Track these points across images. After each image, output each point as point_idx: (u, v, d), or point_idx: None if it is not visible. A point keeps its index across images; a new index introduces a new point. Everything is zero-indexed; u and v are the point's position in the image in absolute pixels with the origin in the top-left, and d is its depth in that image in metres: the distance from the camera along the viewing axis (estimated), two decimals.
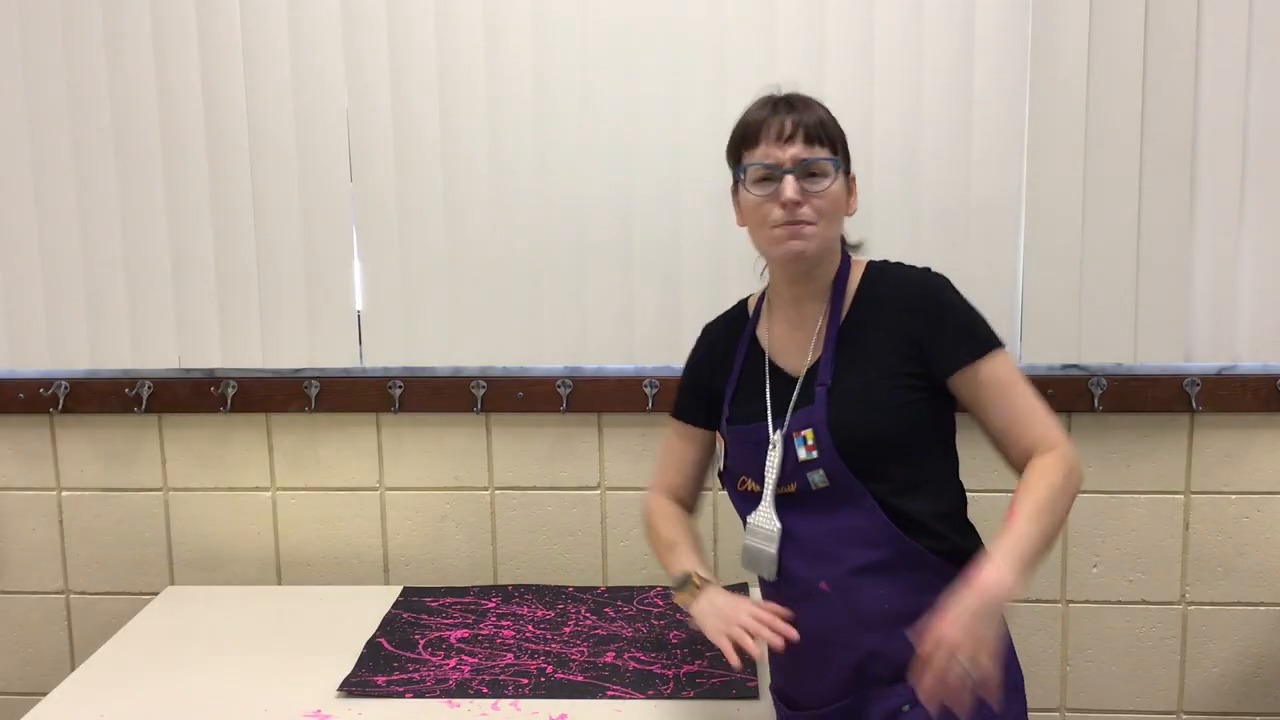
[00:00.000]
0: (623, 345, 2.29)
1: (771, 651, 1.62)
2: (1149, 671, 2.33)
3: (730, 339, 1.74)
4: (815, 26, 2.19)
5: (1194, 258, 2.20)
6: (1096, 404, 2.23)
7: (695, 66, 2.21)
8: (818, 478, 1.56)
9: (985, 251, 2.22)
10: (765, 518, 1.60)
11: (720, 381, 1.72)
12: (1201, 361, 2.23)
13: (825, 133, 1.58)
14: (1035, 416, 1.56)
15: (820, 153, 1.57)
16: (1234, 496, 2.27)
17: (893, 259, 1.67)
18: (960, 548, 1.57)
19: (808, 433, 1.56)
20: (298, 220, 2.30)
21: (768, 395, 1.63)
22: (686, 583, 1.66)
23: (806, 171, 1.57)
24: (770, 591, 1.66)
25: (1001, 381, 1.56)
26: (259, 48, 2.27)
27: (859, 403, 1.56)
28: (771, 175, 1.57)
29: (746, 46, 2.19)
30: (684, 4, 2.20)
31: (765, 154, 1.57)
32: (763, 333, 1.70)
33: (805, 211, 1.56)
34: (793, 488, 1.58)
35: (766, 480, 1.59)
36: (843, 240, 1.67)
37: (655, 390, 2.28)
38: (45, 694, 1.88)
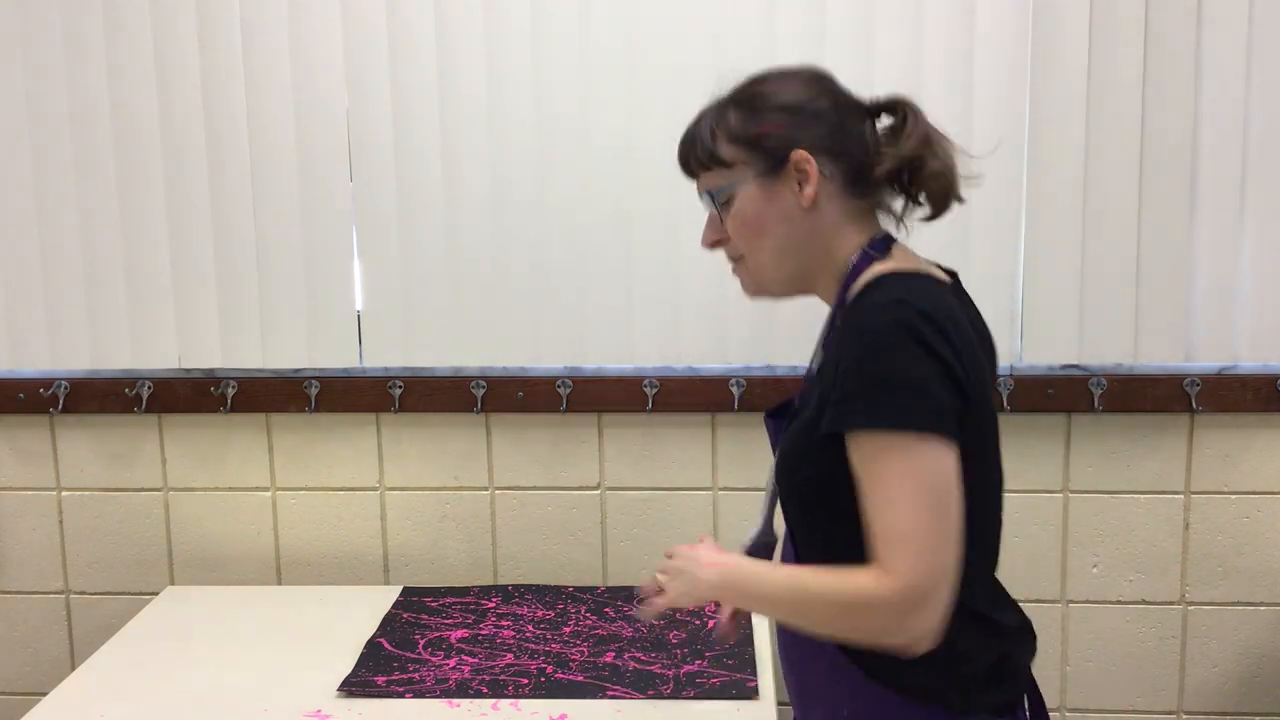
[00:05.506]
0: (623, 345, 2.29)
1: None
2: (1149, 671, 2.33)
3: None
4: (815, 28, 2.18)
5: (1194, 258, 2.20)
6: (1096, 404, 2.23)
7: (695, 66, 2.20)
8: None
9: (985, 251, 2.21)
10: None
11: None
12: (1201, 361, 2.23)
13: (699, 153, 1.39)
14: (878, 530, 1.23)
15: (706, 182, 1.40)
16: (1234, 496, 2.27)
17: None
18: None
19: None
20: (298, 220, 2.30)
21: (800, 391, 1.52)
22: None
23: (716, 203, 1.38)
24: None
25: (864, 471, 1.24)
26: (259, 48, 2.26)
27: (792, 432, 1.38)
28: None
29: (746, 47, 2.19)
30: (684, 4, 2.20)
31: None
32: None
33: (729, 250, 1.42)
34: None
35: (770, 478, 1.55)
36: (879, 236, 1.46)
37: (655, 390, 2.28)
38: (45, 694, 1.88)
